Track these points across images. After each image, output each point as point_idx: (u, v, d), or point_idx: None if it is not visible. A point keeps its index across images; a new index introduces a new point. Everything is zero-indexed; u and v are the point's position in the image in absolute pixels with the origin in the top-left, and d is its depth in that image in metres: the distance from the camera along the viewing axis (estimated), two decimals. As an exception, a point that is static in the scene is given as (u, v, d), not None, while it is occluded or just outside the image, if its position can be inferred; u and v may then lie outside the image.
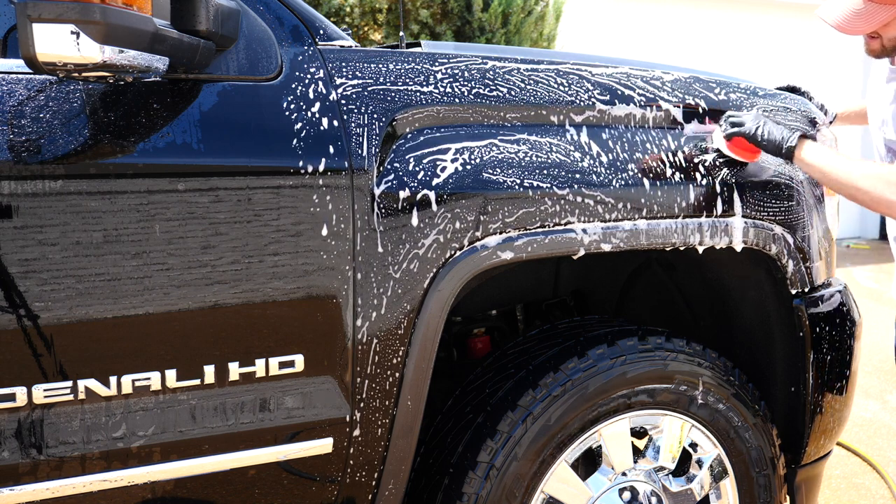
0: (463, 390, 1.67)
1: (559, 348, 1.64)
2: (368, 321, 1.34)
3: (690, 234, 1.61)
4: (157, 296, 1.20)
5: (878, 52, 1.87)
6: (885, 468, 3.04)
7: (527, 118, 1.51)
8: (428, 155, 1.39)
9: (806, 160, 1.65)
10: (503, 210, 1.42)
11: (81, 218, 1.15)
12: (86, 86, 1.17)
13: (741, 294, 1.90)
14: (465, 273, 1.40)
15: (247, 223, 1.24)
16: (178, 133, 1.20)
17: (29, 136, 1.12)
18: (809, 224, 1.78)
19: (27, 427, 1.17)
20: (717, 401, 1.70)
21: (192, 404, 1.26)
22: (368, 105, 1.35)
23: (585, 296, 2.25)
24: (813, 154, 1.65)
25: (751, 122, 1.64)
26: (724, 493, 1.77)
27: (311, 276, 1.29)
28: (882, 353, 4.41)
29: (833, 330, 1.81)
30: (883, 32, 1.82)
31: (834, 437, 1.92)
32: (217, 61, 1.26)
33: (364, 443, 1.39)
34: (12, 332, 1.14)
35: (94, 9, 0.95)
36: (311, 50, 1.35)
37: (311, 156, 1.28)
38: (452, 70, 1.46)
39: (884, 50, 1.86)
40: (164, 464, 1.25)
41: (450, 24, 5.32)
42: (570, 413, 1.56)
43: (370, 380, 1.37)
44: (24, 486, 1.18)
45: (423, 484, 1.60)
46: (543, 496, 1.57)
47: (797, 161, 1.67)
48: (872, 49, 1.87)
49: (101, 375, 1.19)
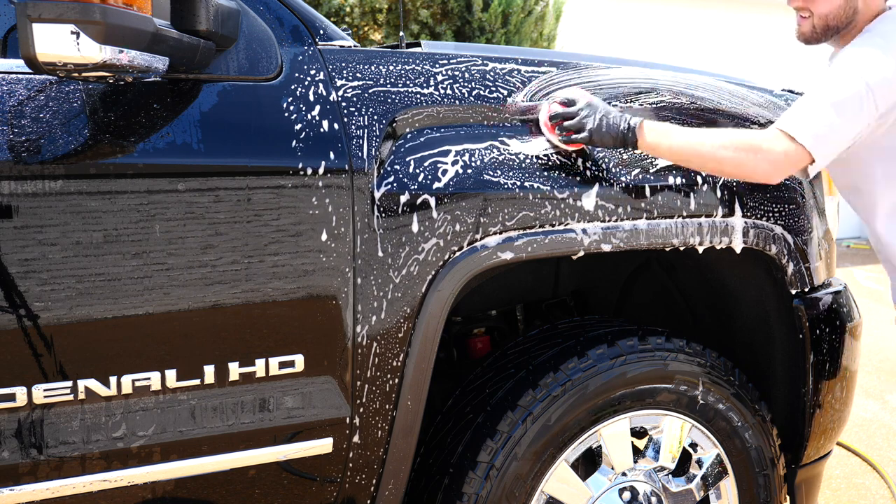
0: (463, 390, 1.67)
1: (559, 348, 1.64)
2: (368, 321, 1.34)
3: (690, 235, 1.61)
4: (157, 296, 1.20)
5: (808, 35, 1.75)
6: (885, 468, 3.04)
7: (528, 119, 1.51)
8: (428, 157, 1.39)
9: (653, 145, 1.53)
10: (503, 211, 1.42)
11: (81, 218, 1.15)
12: (86, 86, 1.17)
13: (741, 294, 1.90)
14: (465, 273, 1.40)
15: (246, 223, 1.24)
16: (178, 133, 1.20)
17: (29, 136, 1.12)
18: (809, 224, 1.78)
19: (27, 427, 1.17)
20: (717, 401, 1.70)
21: (192, 404, 1.26)
22: (368, 105, 1.35)
23: (585, 296, 2.25)
24: (659, 137, 1.52)
25: (589, 123, 1.48)
26: (724, 493, 1.77)
27: (311, 277, 1.29)
28: (882, 353, 4.41)
29: (833, 330, 1.81)
30: (813, 8, 1.73)
31: (834, 437, 1.92)
32: (217, 61, 1.26)
33: (364, 443, 1.39)
34: (12, 332, 1.14)
35: (94, 9, 0.95)
36: (312, 50, 1.35)
37: (311, 156, 1.28)
38: (453, 71, 1.46)
39: (813, 31, 1.72)
40: (164, 464, 1.25)
41: (450, 24, 5.32)
42: (570, 413, 1.56)
43: (370, 380, 1.37)
44: (24, 486, 1.18)
45: (423, 484, 1.60)
46: (543, 496, 1.57)
47: (643, 147, 1.53)
48: (803, 31, 1.74)
49: (101, 375, 1.19)
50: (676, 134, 1.54)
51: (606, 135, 1.50)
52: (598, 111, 1.50)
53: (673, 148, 1.53)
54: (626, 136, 1.51)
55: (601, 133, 1.49)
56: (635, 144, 1.53)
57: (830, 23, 1.70)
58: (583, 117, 1.49)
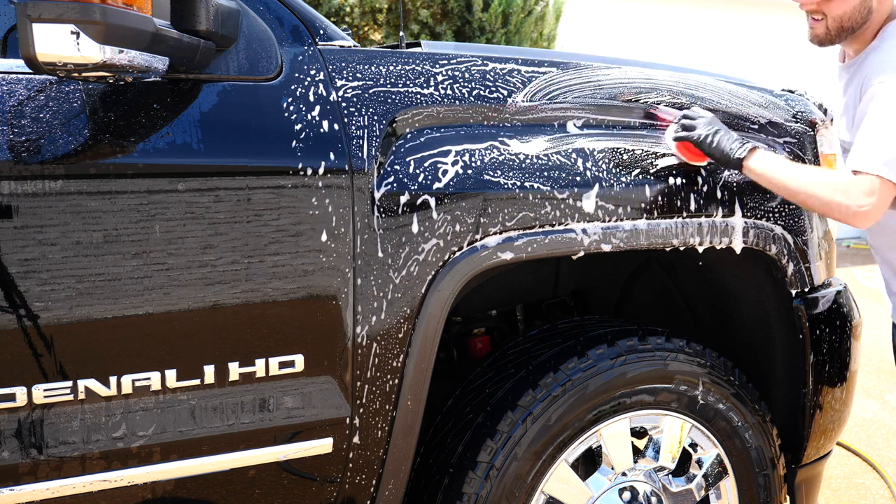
0: (463, 390, 1.67)
1: (559, 348, 1.64)
2: (368, 322, 1.34)
3: (690, 235, 1.61)
4: (157, 296, 1.20)
5: (822, 37, 1.75)
6: (885, 468, 3.04)
7: (528, 119, 1.51)
8: (428, 157, 1.39)
9: (756, 170, 1.59)
10: (503, 211, 1.42)
11: (81, 218, 1.15)
12: (86, 86, 1.17)
13: (741, 294, 1.90)
14: (465, 273, 1.40)
15: (246, 223, 1.24)
16: (178, 133, 1.20)
17: (29, 136, 1.12)
18: (809, 224, 1.78)
19: (27, 427, 1.17)
20: (717, 401, 1.70)
21: (193, 404, 1.26)
22: (369, 106, 1.35)
23: (585, 296, 2.25)
24: (763, 164, 1.59)
25: (702, 129, 1.58)
26: (724, 492, 1.77)
27: (311, 277, 1.29)
28: (882, 353, 4.41)
29: (833, 330, 1.81)
30: (827, 10, 1.72)
31: (834, 437, 1.92)
32: (217, 61, 1.25)
33: (364, 443, 1.39)
34: (12, 332, 1.14)
35: (94, 9, 0.95)
36: (312, 50, 1.35)
37: (311, 156, 1.28)
38: (453, 71, 1.46)
39: (827, 34, 1.72)
40: (164, 464, 1.25)
41: (450, 24, 5.32)
42: (570, 413, 1.56)
43: (370, 380, 1.37)
44: (24, 486, 1.18)
45: (423, 484, 1.60)
46: (543, 496, 1.57)
47: (746, 171, 1.60)
48: (817, 34, 1.74)
49: (101, 375, 1.19)
50: (781, 167, 1.59)
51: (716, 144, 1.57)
52: (716, 125, 1.60)
53: (773, 179, 1.58)
54: (733, 153, 1.58)
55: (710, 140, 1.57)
56: (740, 165, 1.59)
57: (845, 24, 1.69)
58: (699, 123, 1.59)
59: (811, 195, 1.56)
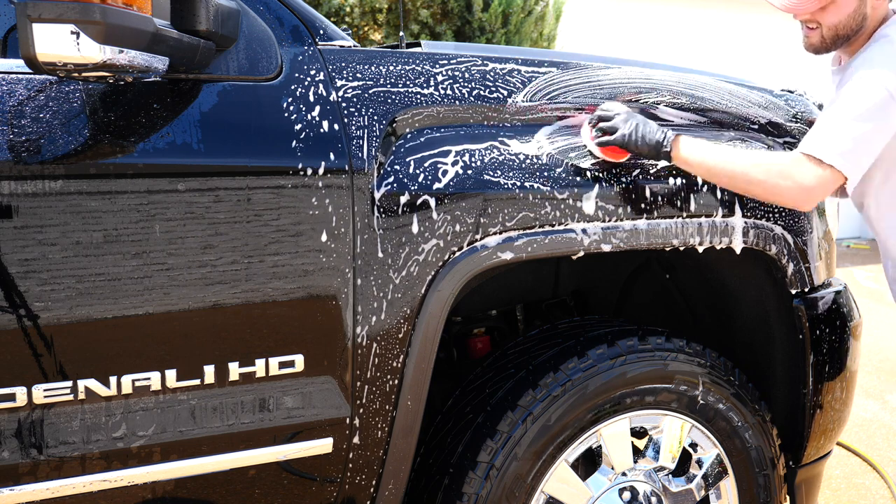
0: (463, 390, 1.67)
1: (559, 348, 1.64)
2: (368, 322, 1.34)
3: (690, 235, 1.61)
4: (157, 296, 1.20)
5: (818, 46, 1.74)
6: (885, 468, 3.04)
7: (528, 119, 1.51)
8: (428, 157, 1.39)
9: (687, 159, 1.55)
10: (503, 211, 1.42)
11: (81, 218, 1.15)
12: (86, 86, 1.17)
13: (741, 294, 1.90)
14: (465, 273, 1.40)
15: (246, 223, 1.24)
16: (178, 133, 1.20)
17: (29, 136, 1.12)
18: (809, 224, 1.78)
19: (27, 427, 1.17)
20: (717, 401, 1.70)
21: (192, 404, 1.26)
22: (369, 106, 1.35)
23: (585, 296, 2.25)
24: (693, 152, 1.54)
25: (623, 129, 1.52)
26: (724, 493, 1.77)
27: (311, 277, 1.29)
28: (882, 353, 4.41)
29: (833, 330, 1.81)
30: (821, 19, 1.72)
31: (834, 437, 1.92)
32: (217, 61, 1.26)
33: (364, 443, 1.39)
34: (12, 332, 1.14)
35: (94, 9, 0.95)
36: (312, 50, 1.35)
37: (311, 156, 1.28)
38: (453, 71, 1.46)
39: (823, 42, 1.71)
40: (164, 464, 1.25)
41: (450, 24, 5.32)
42: (570, 413, 1.56)
43: (370, 380, 1.37)
44: (24, 486, 1.18)
45: (423, 484, 1.60)
46: (543, 496, 1.57)
47: (676, 161, 1.56)
48: (812, 42, 1.73)
49: (101, 375, 1.19)
50: (711, 151, 1.55)
51: (641, 141, 1.52)
52: (635, 119, 1.54)
53: (705, 164, 1.55)
54: (660, 145, 1.53)
55: (635, 138, 1.52)
56: (669, 156, 1.55)
57: (840, 32, 1.69)
58: (618, 122, 1.52)
59: (752, 180, 1.53)
